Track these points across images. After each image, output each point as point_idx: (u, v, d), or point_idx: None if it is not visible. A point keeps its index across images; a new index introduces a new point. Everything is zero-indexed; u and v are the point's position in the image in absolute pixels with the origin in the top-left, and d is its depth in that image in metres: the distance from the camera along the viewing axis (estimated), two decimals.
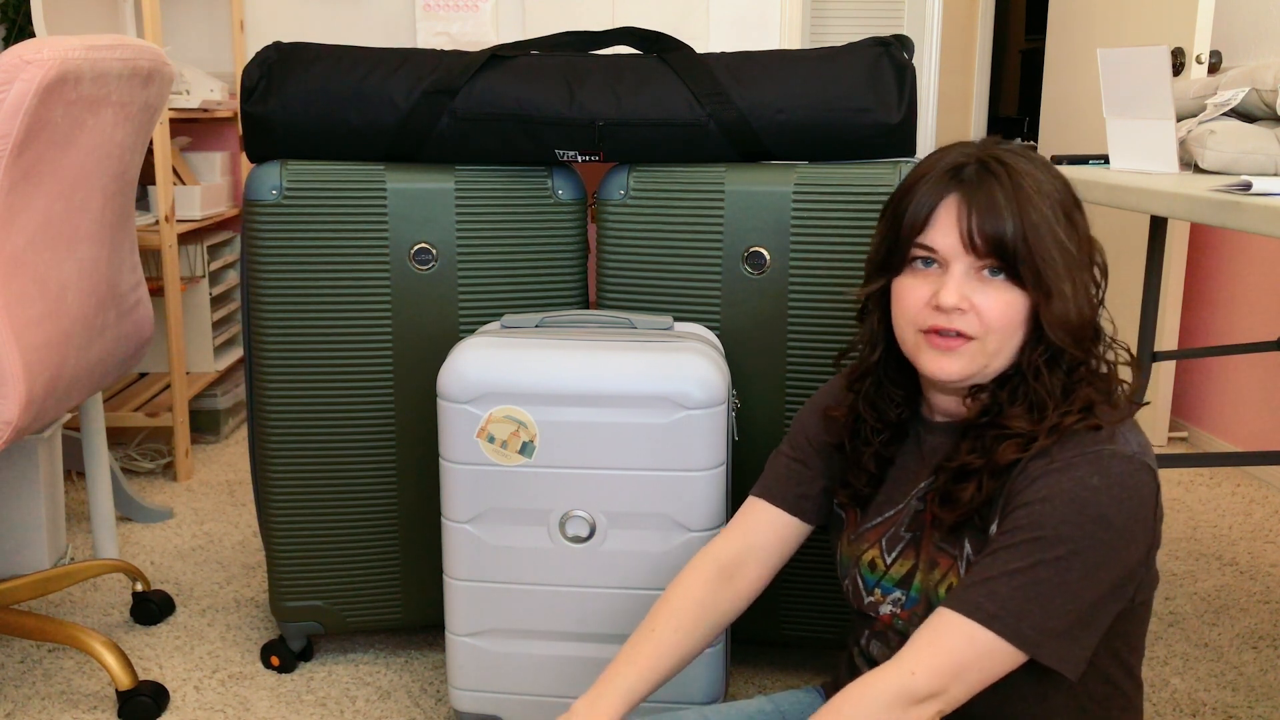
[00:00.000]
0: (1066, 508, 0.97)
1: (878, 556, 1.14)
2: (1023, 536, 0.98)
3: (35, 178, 1.51)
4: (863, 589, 1.16)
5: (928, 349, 1.05)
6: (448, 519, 1.49)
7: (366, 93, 1.61)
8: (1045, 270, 1.01)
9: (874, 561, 1.15)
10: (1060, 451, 1.00)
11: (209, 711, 1.72)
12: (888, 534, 1.14)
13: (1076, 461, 0.99)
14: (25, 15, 2.65)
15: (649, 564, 1.46)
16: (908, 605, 1.11)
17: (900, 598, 1.12)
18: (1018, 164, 1.04)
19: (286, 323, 1.67)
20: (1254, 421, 2.86)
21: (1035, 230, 1.01)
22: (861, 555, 1.16)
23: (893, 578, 1.13)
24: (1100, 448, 0.99)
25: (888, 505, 1.16)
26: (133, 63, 1.67)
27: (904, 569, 1.12)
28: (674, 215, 1.65)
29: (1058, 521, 0.97)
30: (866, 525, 1.17)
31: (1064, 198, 1.04)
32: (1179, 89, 2.11)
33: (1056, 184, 1.05)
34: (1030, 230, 1.01)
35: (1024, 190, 1.02)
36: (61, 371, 1.63)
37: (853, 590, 1.18)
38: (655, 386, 1.41)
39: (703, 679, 1.50)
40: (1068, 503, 0.97)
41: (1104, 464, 0.98)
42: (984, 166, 1.04)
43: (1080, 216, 1.06)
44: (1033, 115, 5.62)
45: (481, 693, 1.55)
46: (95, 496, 2.11)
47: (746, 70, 1.63)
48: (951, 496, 1.05)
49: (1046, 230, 1.01)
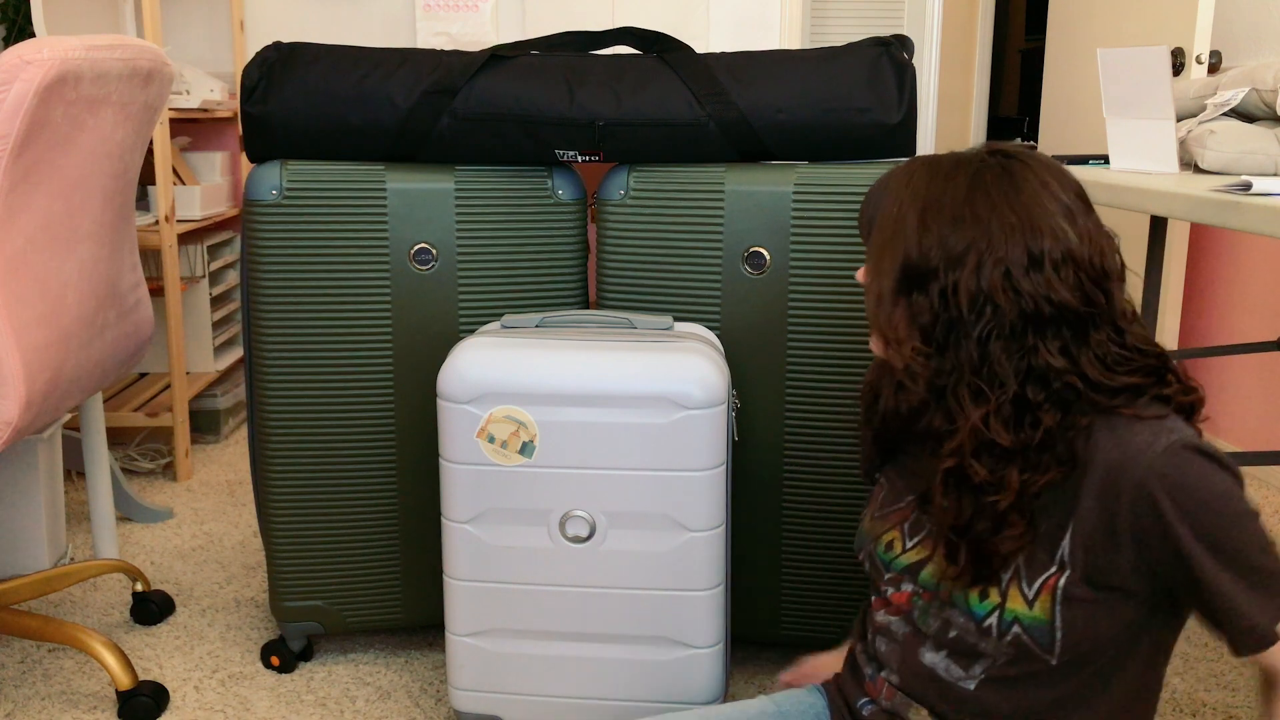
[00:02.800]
0: (1189, 523, 0.96)
1: (897, 539, 1.14)
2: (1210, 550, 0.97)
3: (35, 178, 1.51)
4: (881, 566, 1.16)
5: None
6: (448, 519, 1.49)
7: (366, 93, 1.61)
8: (870, 259, 1.07)
9: (892, 543, 1.14)
10: (1130, 453, 0.98)
11: (209, 711, 1.72)
12: (911, 519, 1.13)
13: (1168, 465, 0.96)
14: (25, 15, 2.65)
15: (649, 564, 1.46)
16: (921, 588, 1.10)
17: (912, 580, 1.11)
18: (918, 161, 1.07)
19: (286, 323, 1.67)
20: (1254, 421, 2.86)
21: (882, 221, 1.05)
22: (882, 534, 1.16)
23: (903, 563, 1.12)
24: (1173, 440, 0.97)
25: (913, 490, 1.15)
26: (133, 63, 1.67)
27: (918, 557, 1.11)
28: (674, 215, 1.65)
29: (1192, 541, 0.96)
30: (892, 507, 1.16)
31: (934, 202, 1.02)
32: (1179, 89, 2.11)
33: (935, 190, 1.03)
34: (880, 220, 1.06)
35: (895, 179, 1.06)
36: (61, 372, 1.63)
37: (870, 565, 1.18)
38: (655, 386, 1.41)
39: (703, 679, 1.50)
40: (1184, 520, 0.96)
41: (1184, 460, 0.96)
42: (902, 163, 1.10)
43: (943, 230, 1.02)
44: (1033, 115, 5.62)
45: (481, 693, 1.55)
46: (95, 496, 2.11)
47: (746, 70, 1.63)
48: (952, 557, 1.03)
49: (891, 222, 1.04)
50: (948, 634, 1.08)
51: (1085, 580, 1.00)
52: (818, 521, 1.71)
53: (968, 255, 0.99)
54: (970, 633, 1.06)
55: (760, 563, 1.74)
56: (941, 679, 1.09)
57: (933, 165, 1.05)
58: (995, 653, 1.05)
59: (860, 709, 1.18)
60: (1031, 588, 1.02)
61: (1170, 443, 0.96)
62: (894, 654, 1.14)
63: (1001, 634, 1.04)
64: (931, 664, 1.10)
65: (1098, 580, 1.00)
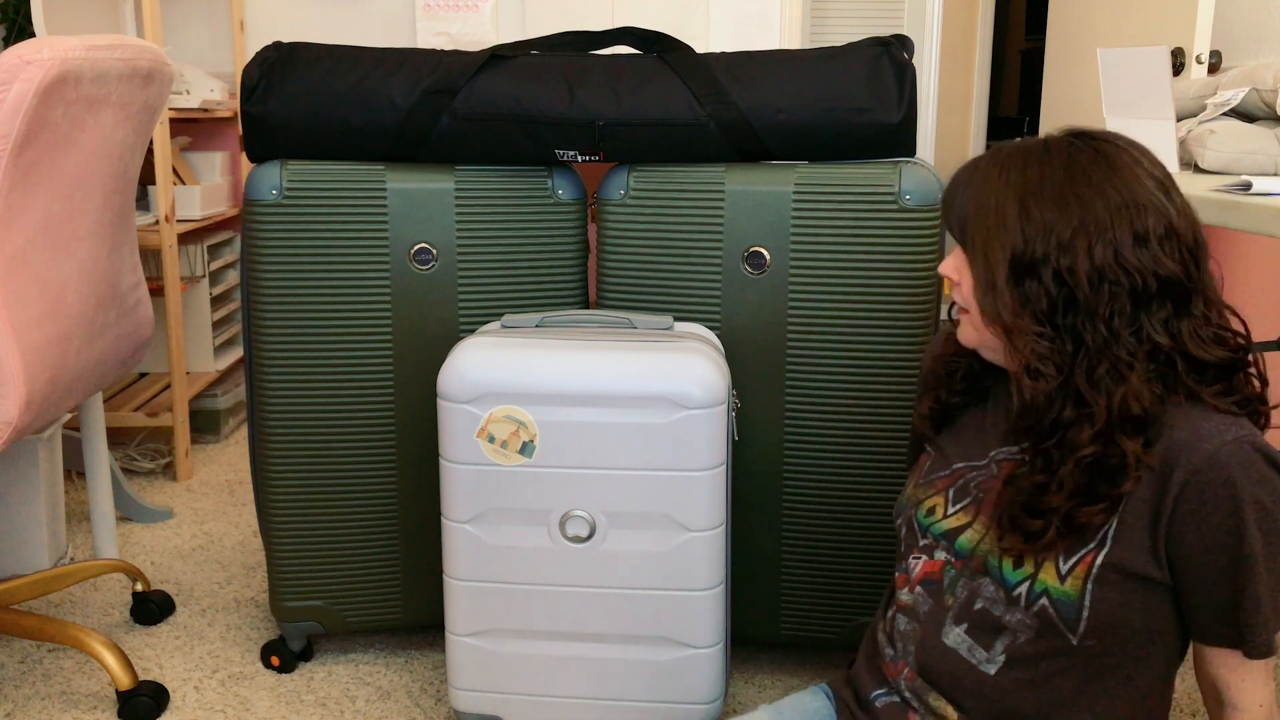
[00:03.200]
0: (1257, 516, 0.98)
1: (940, 504, 1.15)
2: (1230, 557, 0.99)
3: (35, 178, 1.51)
4: (917, 531, 1.17)
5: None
6: (448, 519, 1.49)
7: (366, 93, 1.61)
8: (974, 252, 1.05)
9: (934, 508, 1.15)
10: (1199, 436, 0.99)
11: (209, 711, 1.72)
12: (957, 484, 1.15)
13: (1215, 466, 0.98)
14: (25, 15, 2.65)
15: (649, 564, 1.46)
16: (957, 555, 1.12)
17: (948, 544, 1.13)
18: (1001, 150, 1.06)
19: (286, 323, 1.67)
20: None
21: (980, 214, 1.04)
22: (925, 499, 1.17)
23: (943, 527, 1.13)
24: (1243, 434, 0.99)
25: (964, 458, 1.16)
26: (133, 63, 1.67)
27: (958, 523, 1.12)
28: (674, 215, 1.65)
29: (1256, 535, 0.98)
30: (938, 474, 1.18)
31: (1033, 189, 1.04)
32: (1179, 89, 2.11)
33: (1031, 176, 1.04)
34: (977, 212, 1.05)
35: (981, 171, 1.06)
36: (61, 371, 1.63)
37: (906, 529, 1.19)
38: (655, 386, 1.41)
39: (703, 679, 1.50)
40: (1256, 511, 0.98)
41: (1257, 458, 0.98)
42: (981, 155, 1.08)
43: (1048, 216, 1.03)
44: (1033, 115, 5.62)
45: (482, 693, 1.55)
46: (95, 496, 2.11)
47: (746, 70, 1.63)
48: (1022, 527, 1.04)
49: (992, 214, 1.04)
50: (973, 605, 1.09)
51: (1122, 561, 1.02)
52: (818, 521, 1.71)
53: (1077, 238, 1.01)
54: (998, 602, 1.07)
55: (760, 563, 1.74)
56: (964, 660, 1.09)
57: (1023, 153, 1.06)
58: (1018, 626, 1.06)
59: (874, 700, 1.18)
60: (1068, 563, 1.04)
61: (1239, 436, 0.98)
62: (915, 634, 1.14)
63: (1029, 604, 1.05)
64: (954, 644, 1.10)
65: (1131, 563, 1.02)
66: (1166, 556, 1.01)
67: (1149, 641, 1.05)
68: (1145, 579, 1.02)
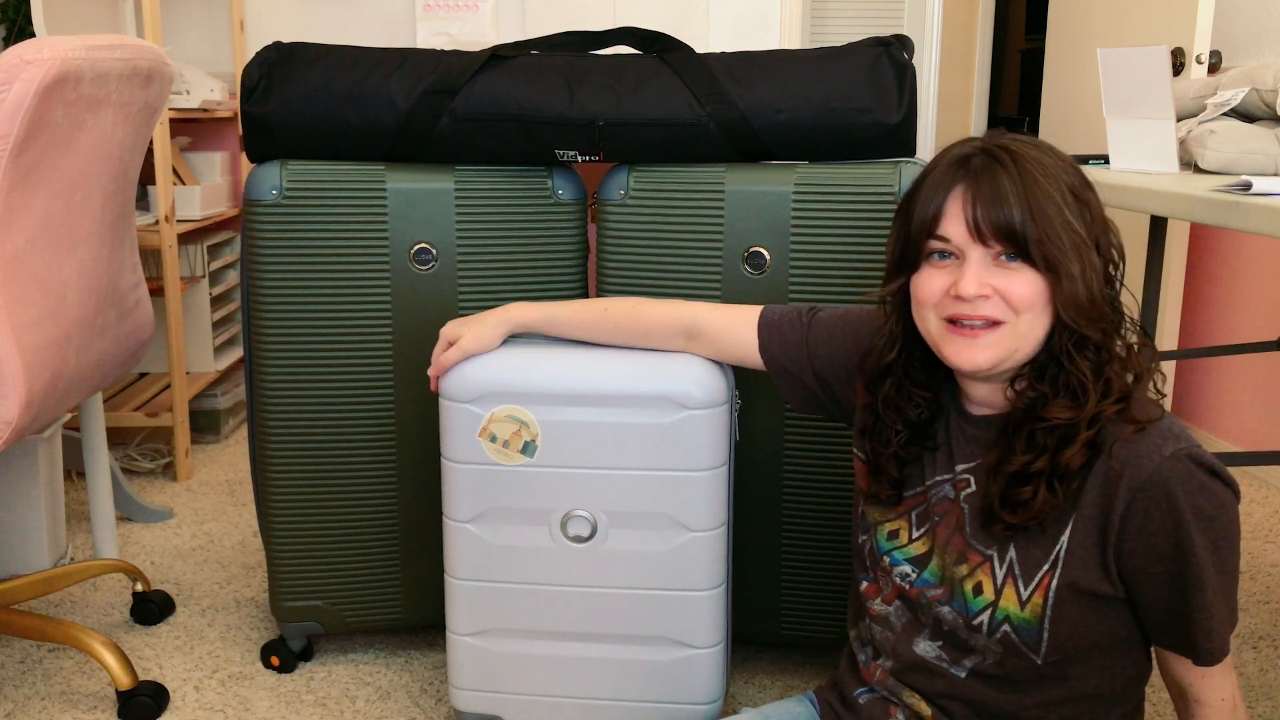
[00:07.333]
0: (1200, 526, 0.99)
1: (904, 529, 1.15)
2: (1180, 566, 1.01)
3: (35, 178, 1.51)
4: (879, 550, 1.17)
5: (953, 340, 1.05)
6: (449, 518, 1.49)
7: (366, 93, 1.61)
8: (1053, 252, 1.01)
9: (897, 532, 1.15)
10: (1139, 454, 1.00)
11: (209, 711, 1.72)
12: (918, 509, 1.15)
13: (1169, 471, 0.99)
14: (25, 15, 2.65)
15: (650, 564, 1.46)
16: (918, 584, 1.12)
17: (910, 573, 1.13)
18: (1024, 150, 1.04)
19: (286, 323, 1.67)
20: (1254, 421, 2.86)
21: (1043, 213, 1.01)
22: (885, 522, 1.17)
23: (909, 553, 1.14)
24: (1180, 447, 1.00)
25: (919, 482, 1.16)
26: (133, 63, 1.67)
27: (923, 548, 1.13)
28: (674, 215, 1.65)
29: (1202, 544, 1.00)
30: (908, 491, 1.17)
31: (1072, 180, 1.04)
32: (1179, 89, 2.11)
33: (1063, 166, 1.05)
34: (1038, 214, 1.00)
35: (1030, 174, 1.02)
36: (61, 371, 1.63)
37: (868, 548, 1.19)
38: (657, 386, 1.41)
39: (704, 679, 1.50)
40: (1198, 521, 0.99)
41: (1195, 469, 0.99)
42: (990, 155, 1.04)
43: (1092, 196, 1.06)
44: (1033, 115, 5.61)
45: (482, 692, 1.55)
46: (95, 496, 2.11)
47: (746, 70, 1.63)
48: (1018, 500, 1.04)
49: (1055, 212, 1.01)
50: (941, 627, 1.11)
51: (1076, 580, 1.03)
52: (818, 521, 1.71)
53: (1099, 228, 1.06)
54: (961, 628, 1.08)
55: (760, 563, 1.74)
56: (935, 665, 1.12)
57: (1050, 149, 1.07)
58: (984, 650, 1.08)
59: (857, 699, 1.20)
60: (1027, 588, 1.05)
61: (1176, 450, 0.99)
62: (889, 641, 1.16)
63: (991, 632, 1.06)
64: (924, 652, 1.13)
65: (1085, 581, 1.03)
66: (1118, 572, 1.03)
67: (1111, 649, 1.08)
68: (1100, 596, 1.04)
